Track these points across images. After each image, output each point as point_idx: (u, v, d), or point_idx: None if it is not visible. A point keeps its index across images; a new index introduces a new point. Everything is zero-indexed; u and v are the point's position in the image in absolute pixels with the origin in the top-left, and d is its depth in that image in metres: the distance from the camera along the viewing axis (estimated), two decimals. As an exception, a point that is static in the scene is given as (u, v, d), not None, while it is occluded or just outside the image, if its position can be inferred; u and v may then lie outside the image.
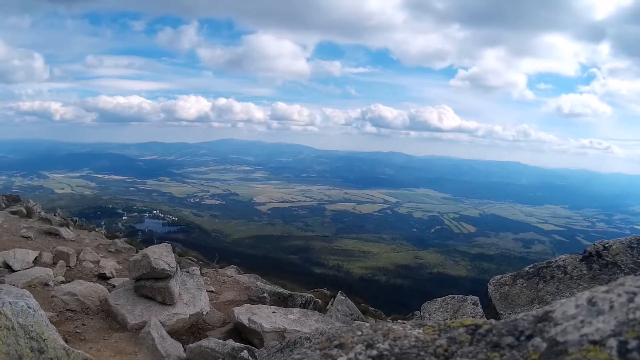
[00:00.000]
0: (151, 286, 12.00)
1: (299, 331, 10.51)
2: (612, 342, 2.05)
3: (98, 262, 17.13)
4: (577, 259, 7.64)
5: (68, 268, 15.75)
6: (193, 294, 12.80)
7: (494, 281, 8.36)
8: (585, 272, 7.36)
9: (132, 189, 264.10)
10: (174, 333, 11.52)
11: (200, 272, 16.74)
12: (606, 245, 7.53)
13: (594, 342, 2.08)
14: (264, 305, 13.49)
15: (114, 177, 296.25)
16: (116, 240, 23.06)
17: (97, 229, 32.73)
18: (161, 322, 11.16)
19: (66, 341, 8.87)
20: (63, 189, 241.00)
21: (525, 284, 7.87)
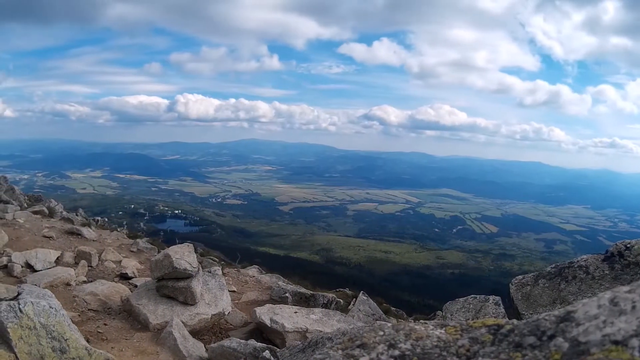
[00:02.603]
0: (173, 286, 12.01)
1: (321, 331, 10.48)
2: (635, 342, 2.05)
3: (120, 262, 17.19)
4: (599, 259, 7.63)
5: (90, 268, 15.81)
6: (215, 294, 12.80)
7: (515, 281, 8.36)
8: (607, 272, 7.35)
9: (154, 188, 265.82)
10: (195, 333, 11.54)
11: (222, 272, 16.80)
12: (628, 245, 7.51)
13: (616, 342, 2.09)
14: (286, 305, 13.48)
15: (136, 177, 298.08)
16: (138, 240, 23.03)
17: (119, 229, 32.86)
18: (183, 322, 11.17)
19: (88, 341, 8.90)
20: (85, 188, 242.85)
21: (547, 284, 7.86)
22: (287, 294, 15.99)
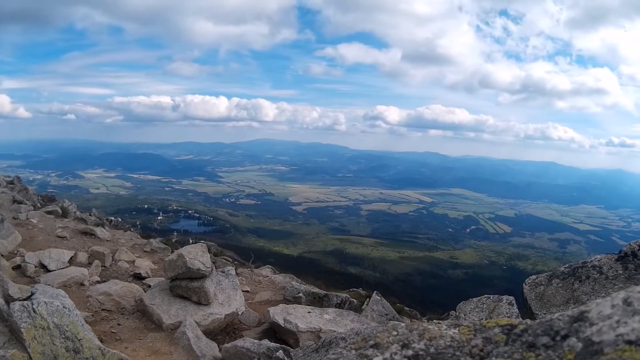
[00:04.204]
0: (186, 286, 12.04)
1: (335, 331, 10.49)
2: (648, 342, 2.02)
3: (133, 262, 17.24)
4: (613, 259, 7.60)
5: (103, 268, 15.86)
6: (228, 294, 12.80)
7: (529, 281, 8.32)
8: (620, 272, 7.32)
9: (167, 188, 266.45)
10: (209, 333, 11.55)
11: (236, 272, 16.76)
12: (642, 245, 7.46)
13: (629, 342, 2.08)
14: (300, 305, 13.51)
15: (150, 176, 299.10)
16: (151, 240, 23.07)
17: (132, 229, 32.94)
18: (196, 322, 11.19)
19: (102, 341, 8.91)
20: (98, 188, 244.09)
21: (560, 284, 7.83)
22: (300, 294, 16.01)
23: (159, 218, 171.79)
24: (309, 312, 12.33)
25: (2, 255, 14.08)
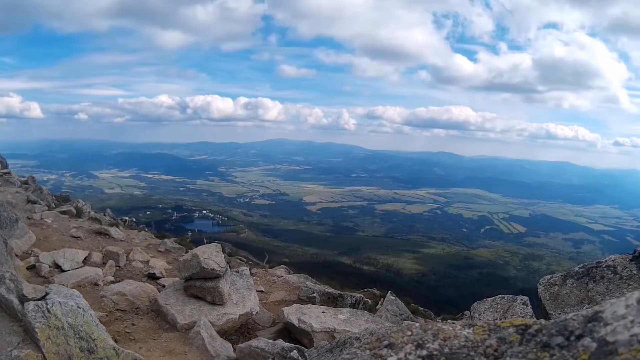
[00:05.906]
0: (201, 286, 12.03)
1: (349, 331, 10.46)
2: (663, 343, 2.04)
3: (147, 262, 17.22)
4: (627, 259, 7.61)
5: (117, 268, 15.86)
6: (243, 294, 12.79)
7: (543, 281, 8.32)
8: (635, 272, 7.33)
9: (181, 188, 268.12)
10: (223, 333, 11.54)
11: (250, 272, 16.76)
12: (656, 245, 7.45)
13: None
14: (314, 305, 13.46)
15: (164, 176, 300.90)
16: (166, 240, 23.04)
17: (146, 229, 32.93)
18: (211, 322, 11.18)
19: (116, 341, 8.90)
20: (112, 188, 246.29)
21: (575, 284, 7.83)
22: (314, 294, 15.99)
23: (173, 218, 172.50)
24: (323, 312, 12.30)
25: (16, 255, 14.11)
